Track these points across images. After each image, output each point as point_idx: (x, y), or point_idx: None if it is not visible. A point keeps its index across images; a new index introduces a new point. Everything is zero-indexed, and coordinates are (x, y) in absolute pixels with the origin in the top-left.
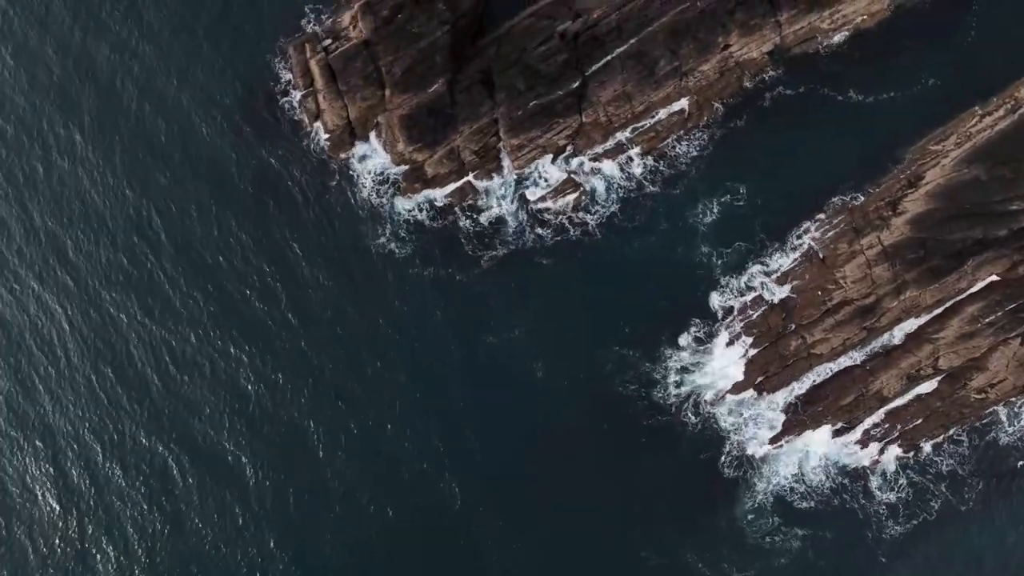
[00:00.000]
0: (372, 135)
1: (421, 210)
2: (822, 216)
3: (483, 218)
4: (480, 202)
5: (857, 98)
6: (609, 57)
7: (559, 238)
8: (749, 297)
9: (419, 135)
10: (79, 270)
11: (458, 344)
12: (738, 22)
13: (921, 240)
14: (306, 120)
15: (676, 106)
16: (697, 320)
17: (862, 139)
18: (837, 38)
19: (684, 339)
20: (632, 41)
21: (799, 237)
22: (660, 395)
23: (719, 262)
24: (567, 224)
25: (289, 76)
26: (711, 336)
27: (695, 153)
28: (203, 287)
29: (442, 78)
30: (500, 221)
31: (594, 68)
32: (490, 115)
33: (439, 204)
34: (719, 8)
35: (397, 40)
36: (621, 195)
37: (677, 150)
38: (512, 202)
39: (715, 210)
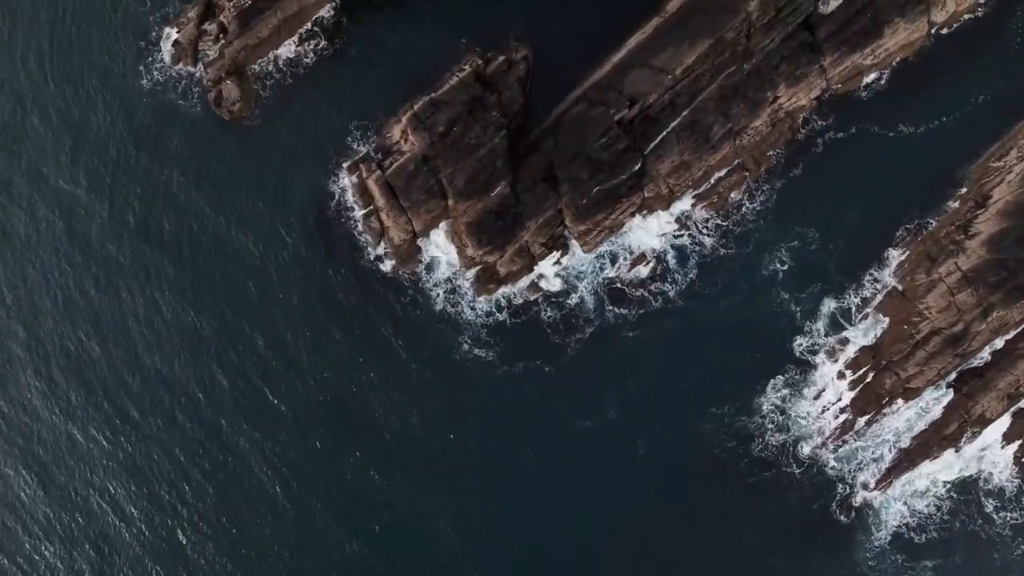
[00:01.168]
0: (441, 236)
1: (500, 309)
2: (894, 249)
3: (562, 305)
4: (555, 290)
5: (908, 130)
6: (665, 132)
7: (641, 311)
8: (835, 339)
9: (488, 239)
10: (192, 409)
11: (558, 435)
12: (784, 75)
13: (1002, 262)
14: (370, 239)
15: (734, 165)
16: (788, 368)
17: (920, 168)
18: (880, 73)
19: (776, 390)
20: (685, 112)
21: (875, 273)
22: (760, 449)
23: (799, 309)
24: (647, 296)
25: (347, 197)
26: (803, 383)
27: (759, 206)
28: (285, 417)
29: (504, 180)
30: (579, 305)
31: (651, 145)
32: (555, 207)
33: (516, 300)
34: (764, 65)
35: (455, 152)
36: (695, 260)
37: (742, 207)
38: (587, 284)
39: (787, 258)
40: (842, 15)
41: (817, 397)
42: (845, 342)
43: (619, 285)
